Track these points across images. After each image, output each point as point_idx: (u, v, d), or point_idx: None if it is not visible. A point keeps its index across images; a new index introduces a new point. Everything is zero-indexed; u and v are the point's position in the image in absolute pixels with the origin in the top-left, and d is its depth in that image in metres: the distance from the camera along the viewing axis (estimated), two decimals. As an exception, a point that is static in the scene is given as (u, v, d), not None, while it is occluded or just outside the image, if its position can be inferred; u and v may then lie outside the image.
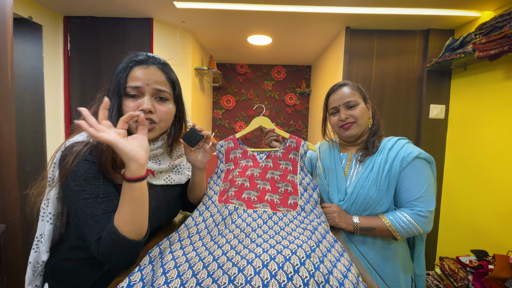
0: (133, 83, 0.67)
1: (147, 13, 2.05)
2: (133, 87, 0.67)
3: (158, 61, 0.72)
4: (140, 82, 0.67)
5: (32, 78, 1.88)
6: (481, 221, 1.72)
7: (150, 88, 0.68)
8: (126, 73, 0.68)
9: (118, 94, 0.67)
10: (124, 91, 0.67)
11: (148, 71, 0.69)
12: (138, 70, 0.68)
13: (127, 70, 0.68)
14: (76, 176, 0.60)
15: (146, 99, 0.68)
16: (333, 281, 0.51)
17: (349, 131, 0.98)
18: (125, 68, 0.68)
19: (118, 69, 0.69)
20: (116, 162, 0.64)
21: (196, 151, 0.81)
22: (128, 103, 0.67)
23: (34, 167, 1.81)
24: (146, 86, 0.68)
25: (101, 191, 0.61)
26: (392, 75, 2.17)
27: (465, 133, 1.92)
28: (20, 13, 1.73)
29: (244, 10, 1.90)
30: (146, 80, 0.68)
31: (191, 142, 0.77)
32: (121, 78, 0.67)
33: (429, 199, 0.90)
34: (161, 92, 0.70)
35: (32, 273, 0.70)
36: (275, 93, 3.59)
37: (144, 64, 0.69)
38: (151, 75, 0.69)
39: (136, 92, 0.68)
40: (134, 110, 0.67)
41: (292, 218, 0.79)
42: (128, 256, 0.59)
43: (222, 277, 0.49)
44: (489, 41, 1.47)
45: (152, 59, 0.71)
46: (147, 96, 0.68)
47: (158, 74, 0.70)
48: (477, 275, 1.38)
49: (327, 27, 2.20)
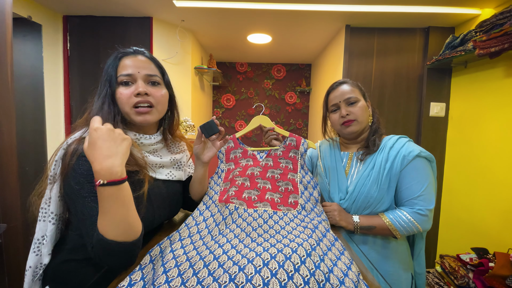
0: (124, 71, 0.70)
1: (146, 12, 2.05)
2: (125, 74, 0.69)
3: (143, 51, 0.76)
4: (131, 70, 0.70)
5: (32, 77, 1.88)
6: (482, 219, 1.72)
7: (141, 74, 0.71)
8: (115, 65, 0.70)
9: (110, 85, 0.69)
10: (116, 80, 0.69)
11: (136, 59, 0.72)
12: (127, 60, 0.71)
13: (116, 61, 0.70)
14: (76, 174, 0.60)
15: (140, 83, 0.70)
16: (333, 279, 0.51)
17: (350, 127, 0.98)
18: (114, 60, 0.71)
19: (107, 64, 0.72)
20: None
21: (204, 144, 0.83)
22: (122, 90, 0.69)
23: (34, 166, 1.82)
24: (137, 73, 0.71)
25: None
26: (393, 73, 2.17)
27: (466, 131, 1.91)
28: (20, 12, 1.72)
29: (243, 9, 1.89)
30: (136, 68, 0.71)
31: (207, 132, 0.80)
32: (111, 69, 0.70)
33: (429, 198, 0.90)
34: (153, 76, 0.73)
35: (31, 278, 0.66)
36: (275, 91, 3.58)
37: (132, 54, 0.73)
38: (140, 62, 0.72)
39: (128, 79, 0.70)
40: (129, 96, 0.69)
41: (292, 217, 0.79)
42: (124, 258, 0.57)
43: (223, 275, 0.49)
44: (489, 38, 1.46)
45: (138, 50, 0.75)
46: (140, 81, 0.71)
47: (146, 61, 0.74)
48: (478, 272, 1.38)
49: (327, 25, 2.19)
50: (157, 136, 0.78)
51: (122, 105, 0.69)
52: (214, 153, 0.85)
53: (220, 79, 3.20)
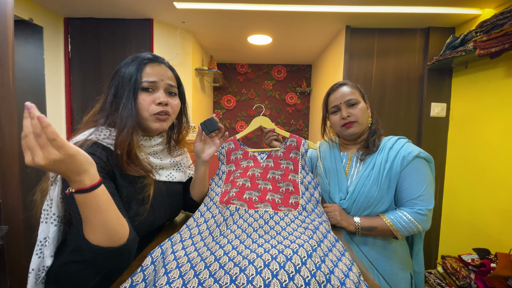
0: (148, 78, 0.72)
1: (147, 14, 2.06)
2: (149, 81, 0.72)
3: (165, 60, 0.79)
4: (155, 77, 0.72)
5: (33, 79, 1.88)
6: (483, 219, 1.72)
7: (164, 83, 0.74)
8: (140, 70, 0.72)
9: (134, 89, 0.70)
10: (140, 85, 0.71)
11: (160, 68, 0.75)
12: (152, 67, 0.73)
13: (141, 66, 0.72)
14: None
15: (161, 93, 0.73)
16: (334, 280, 0.51)
17: (350, 129, 0.99)
18: (139, 65, 0.72)
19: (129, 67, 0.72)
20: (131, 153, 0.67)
21: (205, 141, 0.85)
22: (145, 97, 0.71)
23: (36, 168, 1.81)
24: (161, 81, 0.73)
25: None
26: (393, 74, 2.16)
27: (467, 131, 1.91)
28: (21, 15, 1.73)
29: (244, 10, 1.90)
30: (160, 76, 0.73)
31: (207, 129, 0.81)
32: (134, 73, 0.71)
33: (429, 198, 0.91)
34: (172, 87, 0.76)
35: (34, 281, 0.66)
36: (275, 92, 3.59)
37: (156, 62, 0.75)
38: (163, 71, 0.75)
39: (151, 86, 0.72)
40: (150, 103, 0.71)
41: (293, 217, 0.79)
42: (114, 262, 0.57)
43: (224, 277, 0.49)
44: (490, 38, 1.46)
45: (161, 58, 0.77)
46: (161, 90, 0.73)
47: (168, 71, 0.77)
48: (479, 273, 1.38)
49: (327, 26, 2.20)
50: (157, 138, 0.79)
51: (141, 110, 0.71)
52: (214, 151, 0.85)
53: (220, 80, 3.21)
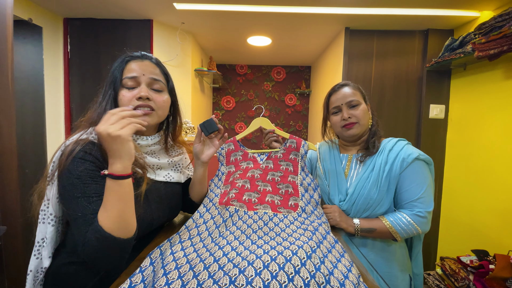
0: (129, 74, 0.71)
1: (146, 15, 2.06)
2: (129, 77, 0.71)
3: (151, 57, 0.77)
4: (136, 73, 0.71)
5: (32, 80, 1.88)
6: (482, 221, 1.72)
7: (146, 77, 0.72)
8: (122, 67, 0.72)
9: (114, 86, 0.70)
10: (120, 82, 0.71)
11: (143, 63, 0.73)
12: (134, 63, 0.73)
13: (122, 64, 0.72)
14: (70, 175, 0.60)
15: (142, 87, 0.71)
16: (334, 281, 0.51)
17: (351, 130, 0.99)
18: (121, 63, 0.72)
19: (114, 65, 0.73)
20: None
21: (204, 142, 0.84)
22: (125, 93, 0.70)
23: (34, 169, 1.81)
24: (142, 76, 0.72)
25: (93, 190, 0.61)
26: (392, 75, 2.17)
27: (465, 132, 1.92)
28: (20, 15, 1.73)
29: (243, 11, 1.90)
30: (141, 71, 0.72)
31: (206, 130, 0.81)
32: (116, 71, 0.71)
33: (428, 200, 0.91)
34: (156, 81, 0.74)
35: (32, 283, 0.66)
36: (275, 93, 3.59)
37: (139, 58, 0.74)
38: (146, 66, 0.73)
39: (132, 82, 0.71)
40: (130, 99, 0.70)
41: (292, 219, 0.79)
42: (115, 255, 0.58)
43: (223, 278, 0.49)
44: (488, 41, 1.47)
45: (146, 55, 0.76)
46: (143, 85, 0.72)
47: (152, 66, 0.75)
48: (478, 275, 1.38)
49: (326, 28, 2.20)
50: (154, 137, 0.78)
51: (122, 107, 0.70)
52: (213, 152, 0.85)
53: (220, 81, 3.21)
